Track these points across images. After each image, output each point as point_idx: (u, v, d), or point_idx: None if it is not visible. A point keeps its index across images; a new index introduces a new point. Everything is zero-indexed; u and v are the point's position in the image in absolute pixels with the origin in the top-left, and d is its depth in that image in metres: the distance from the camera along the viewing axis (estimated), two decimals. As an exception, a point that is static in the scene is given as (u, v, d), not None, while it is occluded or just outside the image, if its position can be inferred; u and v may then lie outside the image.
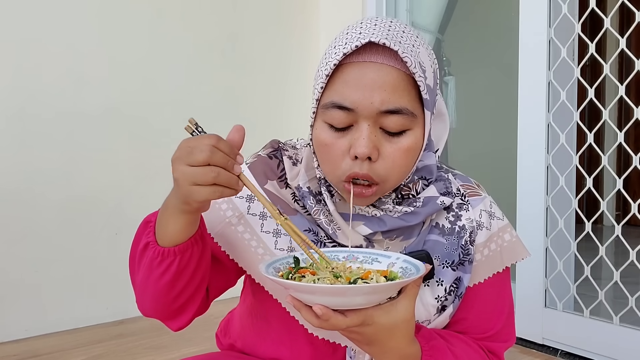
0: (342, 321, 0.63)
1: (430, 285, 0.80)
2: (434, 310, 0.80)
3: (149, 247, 0.73)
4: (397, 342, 0.68)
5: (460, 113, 2.37)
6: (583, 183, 1.64)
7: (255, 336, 0.88)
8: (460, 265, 0.81)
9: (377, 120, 0.72)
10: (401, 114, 0.71)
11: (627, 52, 1.52)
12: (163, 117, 2.12)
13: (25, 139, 1.85)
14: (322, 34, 2.55)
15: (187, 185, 0.64)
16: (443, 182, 0.84)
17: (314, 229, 0.80)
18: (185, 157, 0.64)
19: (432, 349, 0.74)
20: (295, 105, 2.49)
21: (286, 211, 0.80)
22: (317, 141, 0.76)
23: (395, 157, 0.73)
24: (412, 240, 0.81)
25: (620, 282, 1.54)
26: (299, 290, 0.63)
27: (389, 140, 0.73)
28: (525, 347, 1.73)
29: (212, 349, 0.97)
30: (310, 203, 0.79)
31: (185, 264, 0.73)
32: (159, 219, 0.73)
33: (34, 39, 1.85)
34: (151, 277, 0.74)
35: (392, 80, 0.71)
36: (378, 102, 0.70)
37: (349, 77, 0.71)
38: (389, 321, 0.66)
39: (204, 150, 0.63)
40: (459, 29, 2.53)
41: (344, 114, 0.72)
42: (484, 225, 0.84)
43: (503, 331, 0.86)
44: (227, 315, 1.00)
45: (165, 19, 2.12)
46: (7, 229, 1.82)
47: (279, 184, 0.83)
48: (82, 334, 1.89)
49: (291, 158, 0.85)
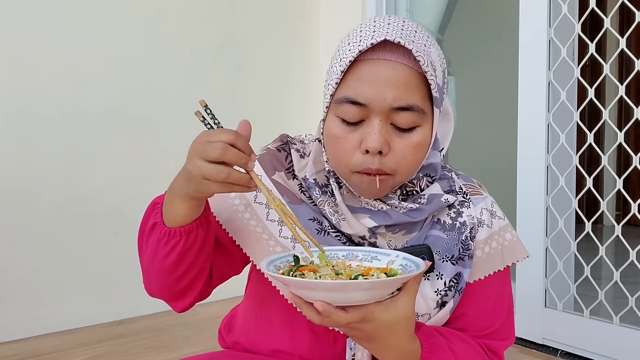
0: (343, 317, 0.64)
1: (430, 279, 0.81)
2: (434, 304, 0.81)
3: (156, 227, 0.77)
4: (398, 339, 0.69)
5: (460, 113, 2.37)
6: (583, 183, 1.64)
7: (257, 328, 0.89)
8: (460, 260, 0.82)
9: (389, 116, 0.74)
10: (412, 110, 0.74)
11: (627, 52, 1.52)
12: (163, 116, 2.12)
13: (24, 139, 1.85)
14: (322, 34, 2.55)
15: (199, 178, 0.67)
16: (447, 180, 0.86)
17: (318, 218, 0.82)
18: (201, 152, 0.66)
19: (432, 346, 0.74)
20: (295, 107, 2.49)
21: (292, 201, 0.83)
22: (328, 134, 0.78)
23: (405, 152, 0.75)
24: (414, 235, 0.82)
25: (620, 282, 1.54)
26: (300, 286, 0.64)
27: (400, 136, 0.75)
28: (525, 347, 1.73)
29: (212, 348, 0.97)
30: (316, 194, 0.82)
31: (190, 245, 0.76)
32: (166, 200, 0.76)
33: (33, 39, 1.85)
34: (157, 256, 0.77)
35: (404, 77, 0.73)
36: (391, 98, 0.73)
37: (363, 74, 0.73)
38: (389, 318, 0.67)
39: (217, 148, 0.65)
40: (459, 29, 2.53)
41: (357, 109, 0.74)
42: (485, 223, 0.86)
43: (502, 329, 0.87)
44: (230, 311, 1.02)
45: (164, 19, 2.12)
46: (7, 229, 1.82)
47: (286, 175, 0.86)
48: (82, 334, 1.89)
49: (299, 151, 0.88)
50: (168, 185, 0.75)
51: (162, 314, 2.06)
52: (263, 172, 0.85)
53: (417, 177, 0.82)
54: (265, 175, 0.85)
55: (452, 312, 0.83)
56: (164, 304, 0.89)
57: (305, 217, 0.81)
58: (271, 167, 0.86)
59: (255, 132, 0.74)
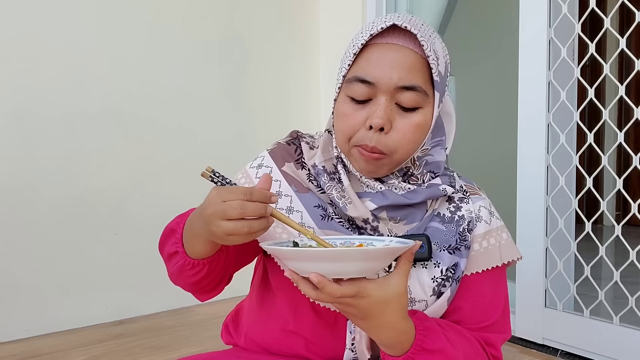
0: (337, 289, 0.67)
1: (428, 267, 0.84)
2: (430, 291, 0.84)
3: (179, 255, 0.80)
4: (391, 316, 0.72)
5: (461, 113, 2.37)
6: (583, 183, 1.64)
7: (263, 313, 0.92)
8: (457, 250, 0.86)
9: (394, 96, 0.80)
10: (415, 91, 0.80)
11: (627, 52, 1.52)
12: (164, 116, 2.12)
13: (25, 138, 1.85)
14: (322, 32, 2.55)
15: (223, 236, 0.70)
16: (448, 177, 0.90)
17: (323, 205, 0.87)
18: (221, 213, 0.68)
19: (426, 329, 0.77)
20: (295, 105, 2.49)
21: (299, 189, 0.88)
22: (338, 113, 0.84)
23: (406, 130, 0.81)
24: (415, 225, 0.87)
25: (620, 282, 1.54)
26: (295, 257, 0.66)
27: (402, 115, 0.81)
28: (525, 347, 1.73)
29: (211, 348, 0.98)
30: (324, 179, 0.87)
31: (215, 266, 0.82)
32: (186, 238, 0.79)
33: (33, 38, 1.85)
34: (182, 276, 0.82)
35: (410, 60, 0.80)
36: (396, 78, 0.79)
37: (373, 56, 0.81)
38: (382, 295, 0.70)
39: (235, 207, 0.68)
40: (459, 29, 2.52)
41: (365, 87, 0.80)
42: (484, 219, 0.90)
43: (499, 323, 0.89)
44: (235, 306, 1.04)
45: (164, 18, 2.12)
46: (7, 228, 1.82)
47: (295, 166, 0.91)
48: (82, 334, 1.89)
49: (308, 144, 0.94)
50: (168, 185, 0.77)
51: (162, 314, 2.06)
52: (274, 164, 0.91)
53: (422, 172, 0.88)
54: (276, 167, 0.90)
55: (450, 302, 0.85)
56: (164, 304, 0.91)
57: (310, 204, 0.87)
58: (281, 159, 0.91)
59: (256, 130, 0.76)
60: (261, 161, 0.92)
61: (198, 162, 1.78)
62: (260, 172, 0.90)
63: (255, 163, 0.93)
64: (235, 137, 2.29)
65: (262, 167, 0.91)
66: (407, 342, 0.74)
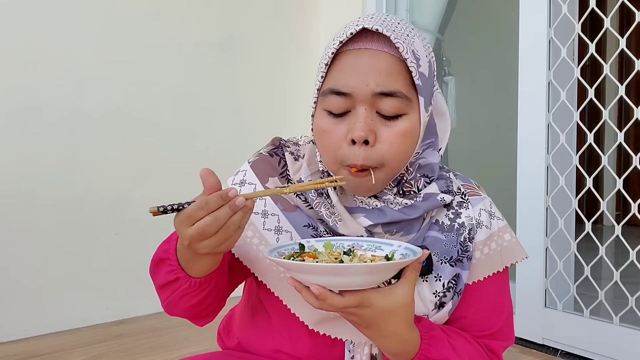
0: (339, 301, 0.65)
1: (429, 281, 0.80)
2: (432, 306, 0.81)
3: (180, 281, 0.76)
4: (396, 326, 0.70)
5: (461, 113, 2.37)
6: (583, 183, 1.64)
7: (256, 331, 0.89)
8: (459, 262, 0.82)
9: (373, 104, 0.74)
10: (396, 96, 0.74)
11: (627, 52, 1.52)
12: (163, 116, 2.12)
13: (25, 139, 1.85)
14: (322, 33, 2.55)
15: (216, 250, 0.68)
16: (444, 180, 0.85)
17: (313, 224, 0.82)
18: (199, 237, 0.66)
19: (431, 338, 0.75)
20: (296, 103, 2.49)
21: (286, 208, 0.83)
22: (317, 129, 0.78)
23: (393, 140, 0.75)
24: (412, 236, 0.82)
25: (620, 282, 1.54)
26: (297, 270, 0.65)
27: (386, 125, 0.75)
28: (525, 347, 1.73)
29: (211, 349, 0.97)
30: (312, 195, 0.81)
31: (215, 285, 0.78)
32: (185, 266, 0.75)
33: (34, 39, 1.85)
34: (183, 300, 0.78)
35: (386, 64, 0.74)
36: (373, 84, 0.73)
37: (345, 64, 0.75)
38: (387, 305, 0.68)
39: (210, 223, 0.64)
40: (459, 29, 2.52)
41: (341, 99, 0.74)
42: (484, 224, 0.85)
43: (503, 330, 0.86)
44: (229, 312, 1.01)
45: (164, 18, 2.12)
46: (7, 228, 1.82)
47: (280, 181, 0.85)
48: (82, 334, 1.89)
49: (293, 154, 0.87)
50: (168, 186, 0.76)
51: (162, 314, 2.04)
52: (257, 181, 0.85)
53: (415, 177, 0.82)
54: (260, 183, 0.84)
55: (451, 313, 0.83)
56: (164, 304, 0.89)
57: (300, 224, 0.81)
58: (265, 174, 0.85)
59: (256, 130, 0.75)
60: (243, 177, 0.86)
61: (198, 163, 1.78)
62: (244, 190, 0.84)
63: (237, 179, 0.86)
64: (235, 137, 2.29)
65: (245, 184, 0.85)
66: (412, 351, 0.73)
